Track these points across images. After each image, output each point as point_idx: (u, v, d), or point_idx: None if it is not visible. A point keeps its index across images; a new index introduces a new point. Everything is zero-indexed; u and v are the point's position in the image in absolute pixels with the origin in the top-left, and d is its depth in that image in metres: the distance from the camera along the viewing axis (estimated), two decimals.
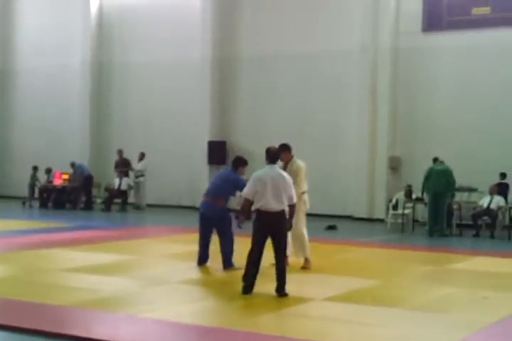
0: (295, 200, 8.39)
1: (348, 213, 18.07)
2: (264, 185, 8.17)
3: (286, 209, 8.26)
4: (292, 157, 9.97)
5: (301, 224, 10.01)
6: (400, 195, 16.48)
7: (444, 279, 9.86)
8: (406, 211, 16.10)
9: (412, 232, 15.61)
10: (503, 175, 16.07)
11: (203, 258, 10.17)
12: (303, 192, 9.87)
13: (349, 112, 18.24)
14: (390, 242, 14.02)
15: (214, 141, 20.05)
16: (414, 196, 16.19)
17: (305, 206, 10.09)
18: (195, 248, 10.11)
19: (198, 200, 20.41)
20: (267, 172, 8.34)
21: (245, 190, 8.42)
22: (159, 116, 21.13)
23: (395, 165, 17.81)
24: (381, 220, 17.17)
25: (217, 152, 19.90)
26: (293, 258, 10.09)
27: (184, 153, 20.60)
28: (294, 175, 9.41)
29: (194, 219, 10.29)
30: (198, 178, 20.05)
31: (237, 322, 7.13)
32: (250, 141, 19.54)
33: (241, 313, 7.58)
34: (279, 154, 8.69)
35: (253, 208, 8.29)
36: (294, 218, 8.65)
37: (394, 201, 16.50)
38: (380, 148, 17.85)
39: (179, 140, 20.73)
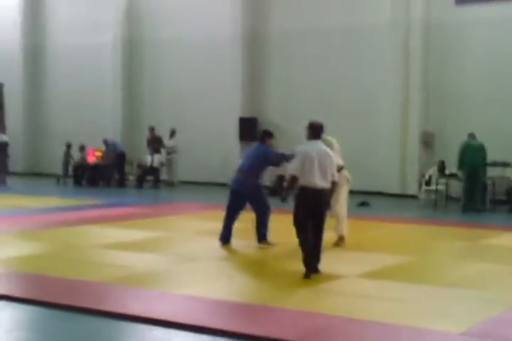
0: (337, 177, 8.26)
1: (380, 189, 17.97)
2: (312, 161, 7.96)
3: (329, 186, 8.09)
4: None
5: (341, 201, 9.96)
6: (433, 171, 16.33)
7: (478, 255, 9.78)
8: (439, 187, 15.96)
9: (445, 208, 15.49)
10: None
11: (225, 237, 10.11)
12: (341, 168, 9.62)
13: (381, 87, 18.03)
14: (423, 218, 13.93)
15: (245, 118, 20.01)
16: (447, 172, 16.04)
17: (347, 182, 9.99)
18: None
19: (229, 177, 20.48)
20: (313, 147, 8.12)
21: (292, 165, 8.21)
22: (190, 93, 21.11)
23: (427, 140, 17.62)
24: (414, 196, 17.05)
25: (248, 128, 19.85)
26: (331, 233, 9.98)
27: (215, 130, 20.60)
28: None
29: (226, 196, 10.31)
30: (229, 155, 20.06)
31: (269, 298, 7.17)
32: (282, 117, 19.46)
33: (272, 290, 7.60)
34: (323, 129, 8.32)
35: (298, 184, 8.04)
36: (335, 194, 8.58)
37: (427, 177, 16.37)
38: (412, 123, 17.66)
39: (210, 117, 20.72)
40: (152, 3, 21.78)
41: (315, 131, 8.23)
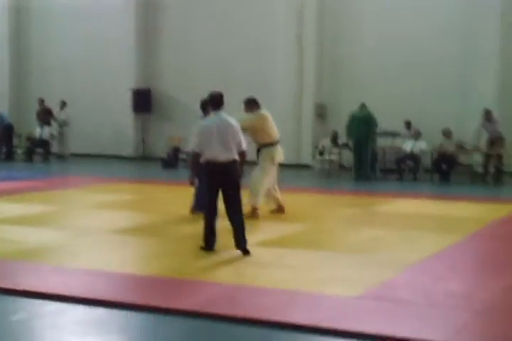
0: (244, 147, 7.90)
1: None
2: (211, 134, 7.67)
3: (237, 158, 7.76)
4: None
5: (261, 173, 10.08)
6: (327, 141, 16.60)
7: (370, 221, 10.03)
8: (332, 157, 16.26)
9: (338, 177, 15.80)
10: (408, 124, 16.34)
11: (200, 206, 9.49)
12: (276, 142, 10.13)
13: (275, 60, 18.11)
14: (317, 187, 14.15)
15: (139, 89, 19.66)
16: (340, 142, 16.35)
17: (271, 158, 10.14)
18: (120, 197, 9.99)
19: (123, 149, 20.36)
20: (213, 120, 7.86)
21: (190, 142, 7.98)
22: (81, 64, 20.52)
23: (321, 112, 17.88)
24: (308, 166, 17.30)
25: (142, 100, 19.55)
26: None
27: (108, 102, 20.16)
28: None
29: (119, 169, 10.10)
30: (122, 126, 19.72)
31: (167, 269, 7.10)
32: (176, 88, 19.25)
33: (169, 261, 7.52)
34: (222, 99, 7.94)
35: (202, 160, 7.76)
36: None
37: (320, 147, 16.63)
38: (306, 95, 17.86)
39: (102, 88, 20.23)
40: None
41: (215, 102, 7.93)
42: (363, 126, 15.15)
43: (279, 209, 10.45)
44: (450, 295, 6.14)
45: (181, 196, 12.57)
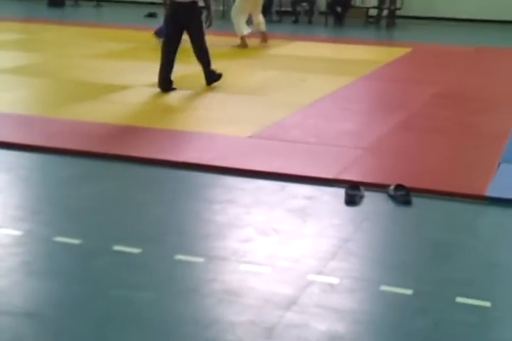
0: None
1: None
2: None
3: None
4: None
5: (238, 2, 11.22)
6: None
7: (265, 64, 9.93)
8: None
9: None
10: None
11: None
12: None
13: None
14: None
15: None
16: None
17: None
18: (4, 37, 9.40)
19: None
20: None
21: None
22: None
23: None
24: None
25: None
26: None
27: None
28: None
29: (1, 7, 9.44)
30: None
31: (56, 111, 6.89)
32: None
33: (62, 102, 7.30)
34: None
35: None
36: None
37: None
38: None
39: None
40: None
41: None
42: None
43: (263, 39, 11.51)
44: (341, 135, 6.26)
45: (70, 36, 12.04)
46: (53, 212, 4.48)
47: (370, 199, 4.79)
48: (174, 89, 7.83)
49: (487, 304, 3.41)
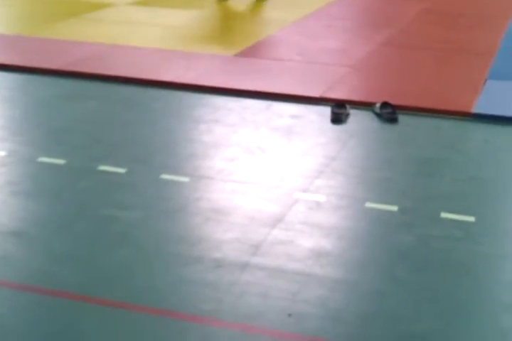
0: None
1: None
2: None
3: None
4: None
5: None
6: None
7: None
8: None
9: None
10: None
11: None
12: None
13: None
14: None
15: None
16: None
17: None
18: None
19: None
20: None
21: None
22: None
23: None
24: None
25: None
26: None
27: None
28: None
29: None
30: None
31: (37, 30, 6.72)
32: None
33: (42, 21, 7.10)
34: None
35: None
36: None
37: None
38: None
39: None
40: None
41: None
42: None
43: None
44: (327, 53, 6.17)
45: None
46: (36, 133, 4.44)
47: (356, 118, 4.77)
48: None
49: (471, 219, 3.45)
